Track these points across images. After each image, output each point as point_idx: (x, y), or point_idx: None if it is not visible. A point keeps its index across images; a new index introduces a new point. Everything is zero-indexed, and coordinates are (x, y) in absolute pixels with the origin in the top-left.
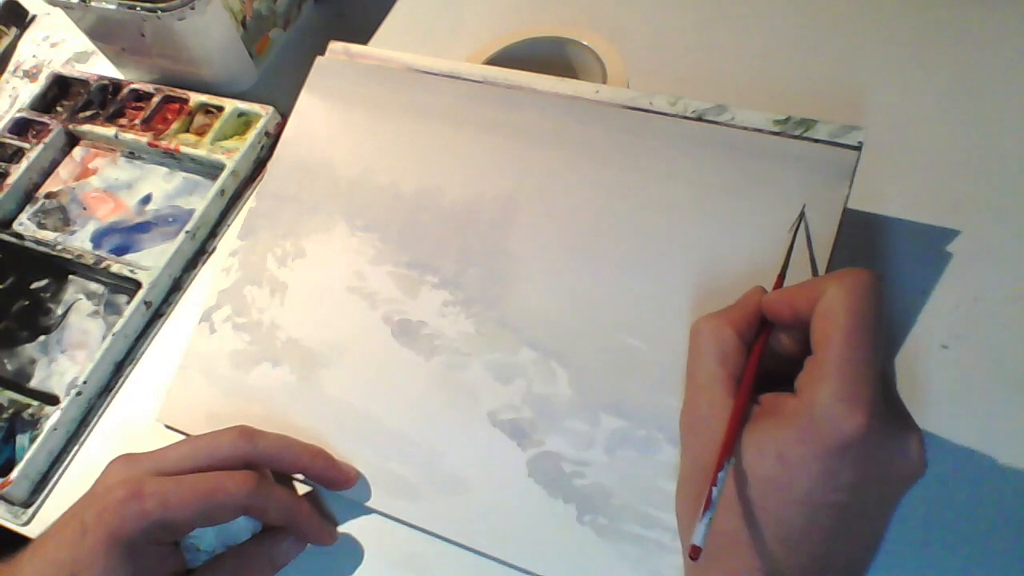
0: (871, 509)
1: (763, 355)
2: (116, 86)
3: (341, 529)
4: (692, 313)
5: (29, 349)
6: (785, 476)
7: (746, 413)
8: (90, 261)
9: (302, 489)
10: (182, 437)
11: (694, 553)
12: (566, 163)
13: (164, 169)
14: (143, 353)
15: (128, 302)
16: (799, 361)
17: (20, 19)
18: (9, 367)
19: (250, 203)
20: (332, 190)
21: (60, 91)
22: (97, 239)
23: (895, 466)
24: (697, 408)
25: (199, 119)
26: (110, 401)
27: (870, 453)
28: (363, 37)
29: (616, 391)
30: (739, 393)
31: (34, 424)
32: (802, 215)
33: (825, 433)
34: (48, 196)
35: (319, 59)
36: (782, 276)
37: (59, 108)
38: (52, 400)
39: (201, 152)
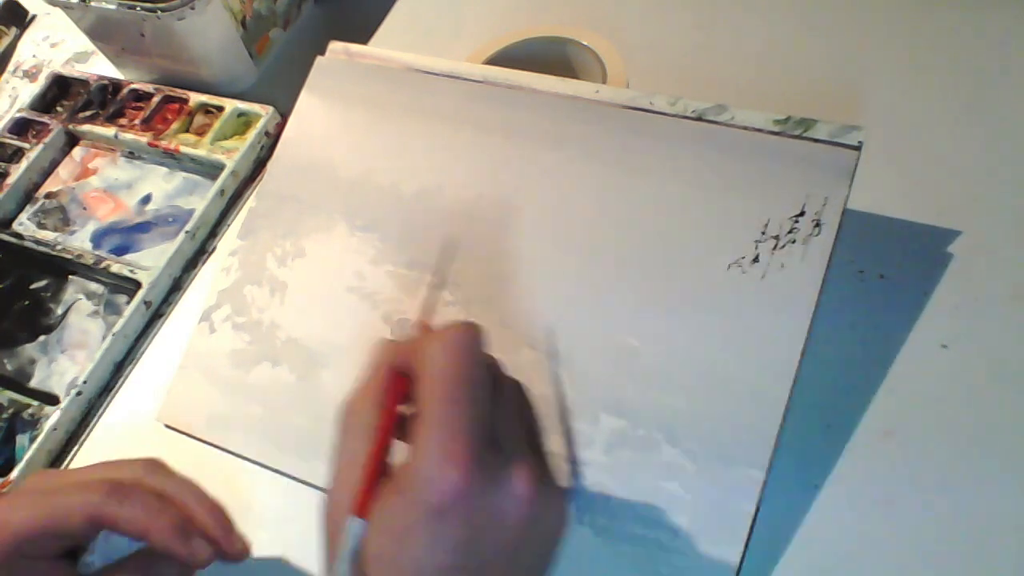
0: (495, 565)
1: (401, 418)
2: (116, 86)
3: None
4: (692, 313)
5: (29, 349)
6: (395, 549)
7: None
8: (90, 261)
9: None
10: (182, 437)
11: None
12: (566, 163)
13: (164, 169)
14: (143, 353)
15: (128, 302)
16: None
17: (20, 19)
18: (9, 367)
19: (250, 203)
20: (332, 190)
21: (60, 91)
22: (97, 239)
23: (505, 511)
24: (334, 496)
25: (199, 119)
26: (110, 401)
27: (473, 505)
28: (363, 37)
29: (616, 391)
30: (362, 481)
31: (34, 424)
32: (453, 247)
33: (426, 496)
34: (48, 196)
35: (319, 59)
36: (425, 320)
37: (59, 108)
38: (52, 400)
39: (201, 152)
